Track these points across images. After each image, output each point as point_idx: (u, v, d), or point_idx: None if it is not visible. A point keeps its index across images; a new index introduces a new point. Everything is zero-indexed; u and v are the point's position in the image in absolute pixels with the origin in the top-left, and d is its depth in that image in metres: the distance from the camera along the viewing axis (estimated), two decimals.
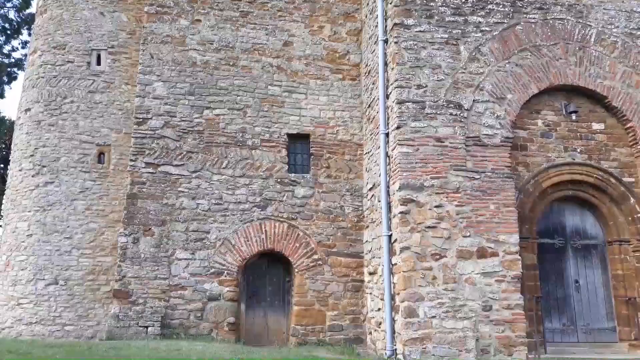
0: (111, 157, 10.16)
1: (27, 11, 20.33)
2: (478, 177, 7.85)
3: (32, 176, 10.08)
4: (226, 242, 9.22)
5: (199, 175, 9.42)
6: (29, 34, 20.27)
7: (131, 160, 9.35)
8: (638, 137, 8.51)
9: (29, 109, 10.55)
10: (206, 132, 9.63)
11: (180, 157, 9.46)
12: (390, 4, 8.66)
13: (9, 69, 20.37)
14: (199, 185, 9.38)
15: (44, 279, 9.57)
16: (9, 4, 20.34)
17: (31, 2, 20.09)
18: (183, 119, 9.62)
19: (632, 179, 8.55)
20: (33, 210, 9.90)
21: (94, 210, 9.87)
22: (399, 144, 7.90)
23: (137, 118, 9.55)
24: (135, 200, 9.17)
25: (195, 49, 9.96)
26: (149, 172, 9.31)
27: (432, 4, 8.51)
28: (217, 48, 10.02)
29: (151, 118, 9.54)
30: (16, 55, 20.64)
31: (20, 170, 10.29)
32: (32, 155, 10.17)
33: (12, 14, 20.42)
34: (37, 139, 10.23)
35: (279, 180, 9.60)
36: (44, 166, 10.04)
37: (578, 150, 8.57)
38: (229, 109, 9.81)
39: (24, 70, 19.67)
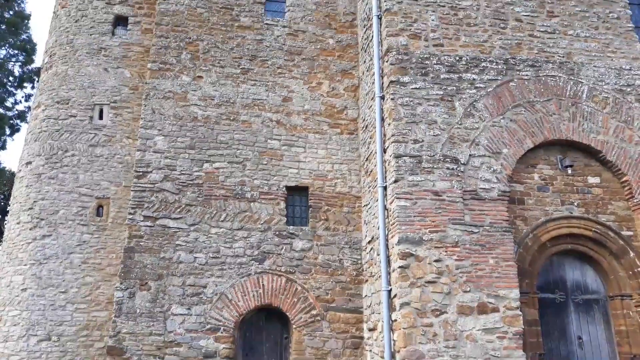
0: (110, 210, 10.17)
1: (32, 66, 20.89)
2: (477, 231, 7.85)
3: (30, 229, 10.05)
4: (223, 296, 9.09)
5: (197, 229, 9.41)
6: (32, 87, 20.77)
7: (130, 213, 9.36)
8: (634, 191, 8.58)
9: (30, 162, 10.65)
10: (205, 185, 9.69)
11: (178, 210, 9.48)
12: (387, 62, 8.92)
13: (11, 121, 20.69)
14: (197, 239, 9.35)
15: (36, 335, 9.37)
16: (14, 59, 20.91)
17: (34, 57, 20.67)
18: (183, 172, 9.71)
19: (631, 233, 8.55)
20: (29, 263, 9.81)
21: (90, 264, 9.79)
22: (397, 198, 7.95)
23: (137, 171, 9.63)
24: (132, 254, 9.11)
25: (196, 104, 10.18)
26: (147, 226, 9.30)
27: (427, 62, 8.78)
28: (218, 103, 10.24)
29: (151, 171, 9.62)
30: (19, 107, 21.04)
31: (18, 223, 10.27)
32: (30, 208, 10.18)
33: (16, 69, 20.97)
34: (36, 192, 10.27)
35: (277, 232, 9.58)
36: (42, 219, 10.03)
37: (575, 203, 8.61)
38: (229, 162, 9.92)
39: (26, 122, 20.02)
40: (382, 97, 8.99)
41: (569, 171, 8.70)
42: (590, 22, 9.54)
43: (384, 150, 8.71)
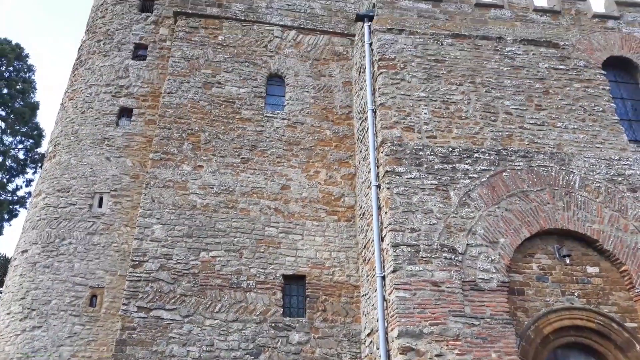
0: (104, 300, 9.98)
1: (36, 150, 21.35)
2: (477, 323, 7.68)
3: (20, 320, 9.80)
4: None
5: (191, 320, 9.19)
6: (34, 172, 21.09)
7: (124, 304, 9.18)
8: (634, 281, 8.50)
9: (25, 251, 10.60)
10: (201, 275, 9.59)
11: (173, 300, 9.31)
12: (382, 153, 9.18)
13: (10, 207, 20.81)
14: (191, 331, 9.10)
15: None
16: (20, 145, 21.42)
17: (41, 143, 21.19)
18: (179, 261, 9.64)
19: (635, 324, 8.36)
20: (15, 357, 9.46)
21: (80, 357, 9.44)
22: (396, 288, 7.85)
23: (133, 261, 9.56)
24: (124, 347, 8.82)
25: (196, 193, 10.32)
26: (141, 317, 9.08)
27: (420, 153, 9.04)
28: (217, 192, 10.39)
29: (147, 261, 9.55)
30: (19, 193, 21.25)
31: (8, 313, 10.03)
32: (22, 298, 9.98)
33: (21, 154, 21.41)
34: (30, 281, 10.12)
35: (273, 324, 9.34)
36: (33, 310, 9.81)
37: (576, 294, 8.50)
38: (226, 250, 9.88)
39: (25, 208, 20.12)
40: (378, 186, 9.15)
41: (567, 261, 8.67)
42: (577, 114, 9.93)
43: (382, 239, 8.73)
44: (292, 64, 12.19)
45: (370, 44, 10.56)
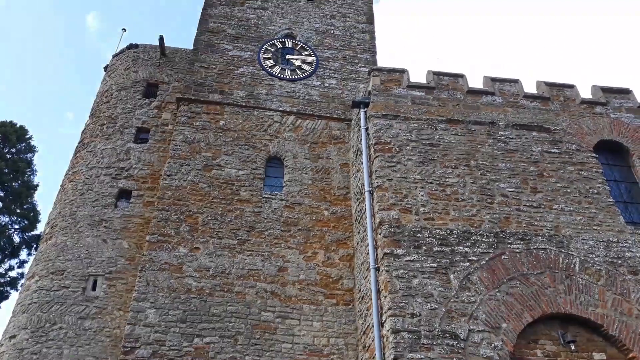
0: None
1: (32, 233, 21.21)
2: None
3: None
4: None
5: None
6: (28, 254, 20.83)
7: None
8: None
9: (14, 336, 10.24)
10: None
11: None
12: (380, 235, 9.16)
13: (1, 288, 20.35)
14: None
15: None
16: (16, 226, 21.31)
17: (36, 225, 21.10)
18: (172, 347, 9.31)
19: None
20: None
21: None
22: None
23: (124, 347, 9.23)
24: None
25: (191, 276, 10.16)
26: None
27: (419, 235, 9.02)
28: (213, 275, 10.24)
29: (139, 347, 9.22)
30: (11, 274, 20.86)
31: None
32: None
33: (16, 235, 21.25)
34: None
35: None
36: None
37: None
38: (220, 336, 9.58)
39: (16, 290, 19.68)
40: (377, 269, 9.04)
41: (573, 347, 8.40)
42: (572, 197, 10.04)
43: (381, 324, 8.50)
44: (290, 147, 12.47)
45: (367, 129, 10.86)
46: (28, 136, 22.21)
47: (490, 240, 9.16)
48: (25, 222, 20.82)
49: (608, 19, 51.91)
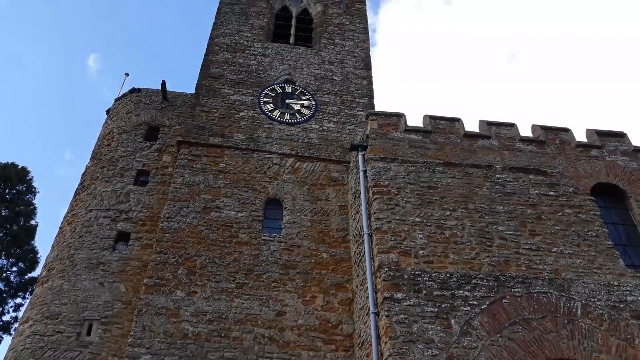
0: None
1: (29, 275, 21.03)
2: None
3: None
4: None
5: None
6: (24, 297, 20.56)
7: None
8: None
9: None
10: None
11: None
12: (379, 278, 9.09)
13: None
14: None
15: None
16: (14, 268, 21.13)
17: (35, 267, 20.94)
18: None
19: None
20: None
21: None
22: None
23: None
24: None
25: (188, 321, 10.02)
26: None
27: (418, 279, 8.96)
28: (210, 319, 10.10)
29: None
30: (5, 317, 20.55)
31: None
32: None
33: (12, 277, 21.04)
34: None
35: None
36: None
37: None
38: None
39: (9, 335, 19.32)
40: (377, 314, 8.92)
41: None
42: (571, 239, 10.02)
43: None
44: (290, 189, 12.53)
45: (365, 171, 10.95)
46: (29, 177, 22.36)
47: (491, 283, 9.08)
48: (23, 264, 20.65)
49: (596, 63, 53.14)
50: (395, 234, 9.62)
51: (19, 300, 20.80)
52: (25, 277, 20.88)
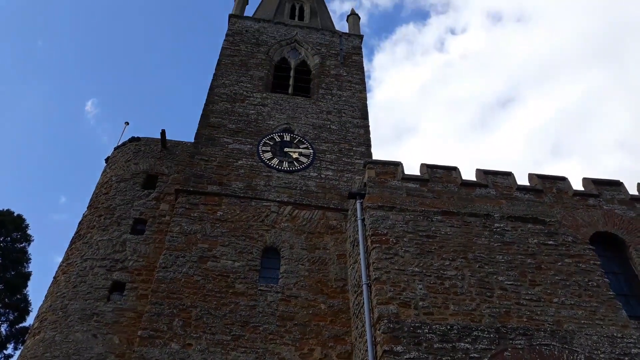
0: None
1: (20, 325, 20.55)
2: None
3: None
4: None
5: None
6: (14, 348, 20.03)
7: None
8: None
9: None
10: None
11: None
12: (379, 330, 8.91)
13: None
14: None
15: None
16: (3, 318, 20.67)
17: (27, 316, 20.50)
18: None
19: None
20: None
21: None
22: None
23: None
24: None
25: None
26: None
27: (418, 331, 8.78)
28: None
29: None
30: None
31: None
32: None
33: (3, 328, 20.56)
34: None
35: None
36: None
37: None
38: None
39: None
40: None
41: None
42: (572, 290, 9.90)
43: None
44: (287, 237, 12.46)
45: (363, 220, 10.92)
46: (24, 225, 22.21)
47: (492, 336, 8.90)
48: (14, 314, 20.23)
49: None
50: (395, 285, 9.50)
51: (9, 351, 20.27)
52: (16, 327, 20.41)
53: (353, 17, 22.10)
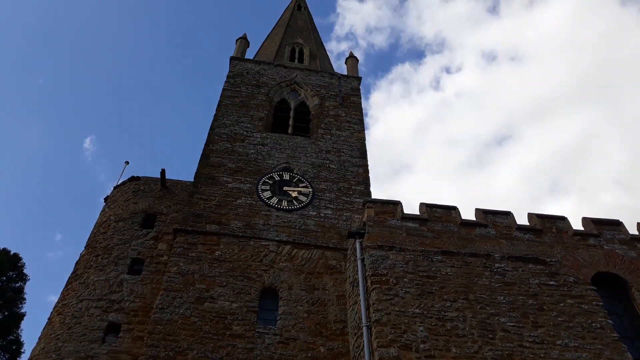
0: None
1: None
2: None
3: None
4: None
5: None
6: None
7: None
8: None
9: None
10: None
11: None
12: None
13: None
14: None
15: None
16: None
17: (18, 358, 19.99)
18: None
19: None
20: None
21: None
22: None
23: None
24: None
25: None
26: None
27: None
28: None
29: None
30: None
31: None
32: None
33: None
34: None
35: None
36: None
37: None
38: None
39: None
40: None
41: None
42: (575, 331, 9.73)
43: None
44: (286, 277, 12.32)
45: (363, 260, 10.83)
46: (20, 264, 21.94)
47: None
48: (6, 356, 19.73)
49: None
50: (395, 327, 9.34)
51: None
52: None
53: (351, 59, 22.60)
